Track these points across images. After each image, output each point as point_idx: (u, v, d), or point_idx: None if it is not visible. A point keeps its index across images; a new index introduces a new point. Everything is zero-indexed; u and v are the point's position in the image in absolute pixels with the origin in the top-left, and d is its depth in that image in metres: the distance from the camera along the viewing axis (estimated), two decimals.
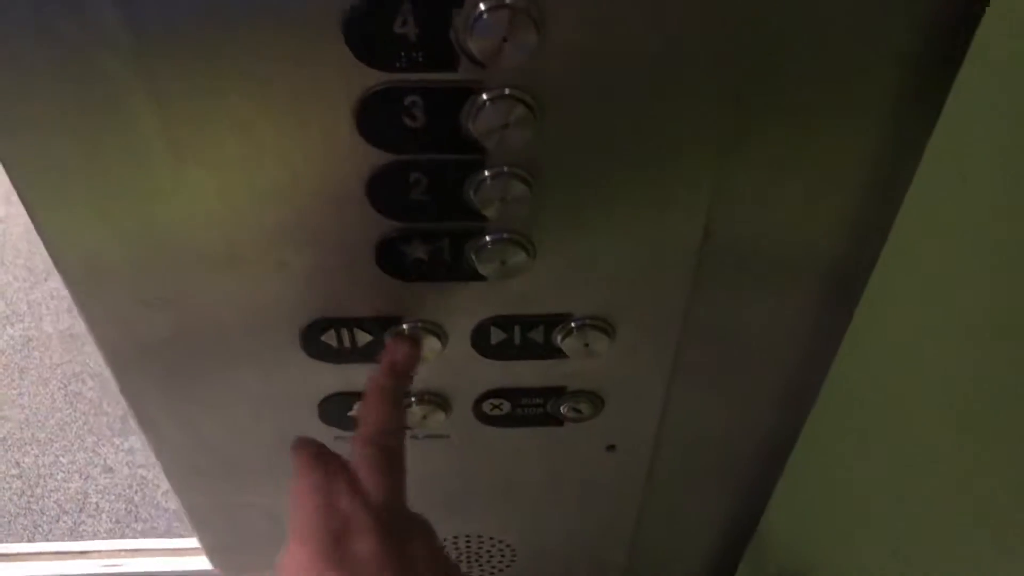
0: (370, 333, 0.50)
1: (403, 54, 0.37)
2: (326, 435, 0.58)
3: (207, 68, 0.37)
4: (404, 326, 0.50)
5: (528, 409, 0.56)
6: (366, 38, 0.36)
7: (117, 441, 1.69)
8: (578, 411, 0.57)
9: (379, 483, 0.42)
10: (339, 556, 0.38)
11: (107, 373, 1.66)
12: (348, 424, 0.57)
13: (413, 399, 0.56)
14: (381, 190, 0.42)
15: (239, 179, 0.42)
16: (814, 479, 0.58)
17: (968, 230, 0.40)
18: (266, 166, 0.41)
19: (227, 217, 0.44)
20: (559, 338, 0.51)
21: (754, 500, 0.65)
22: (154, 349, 0.51)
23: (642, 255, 0.47)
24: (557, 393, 0.56)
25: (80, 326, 1.85)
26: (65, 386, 1.76)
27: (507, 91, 0.38)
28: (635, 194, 0.44)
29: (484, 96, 0.38)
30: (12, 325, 1.81)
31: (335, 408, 0.56)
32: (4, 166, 0.42)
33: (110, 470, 1.65)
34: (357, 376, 0.54)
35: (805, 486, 0.59)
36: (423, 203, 0.43)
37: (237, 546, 0.70)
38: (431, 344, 0.50)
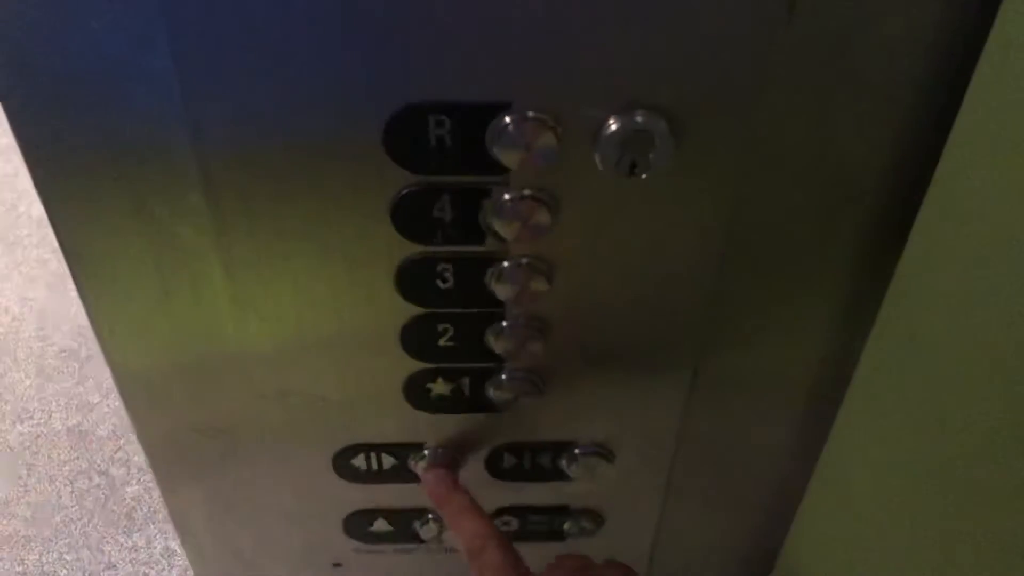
0: (395, 457, 0.56)
1: (439, 232, 0.44)
2: (347, 547, 0.63)
3: (273, 244, 0.45)
4: (425, 452, 0.56)
5: (534, 526, 0.62)
6: (408, 220, 0.44)
7: (121, 539, 1.72)
8: (580, 527, 0.62)
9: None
10: None
11: (113, 470, 1.68)
12: (368, 538, 0.62)
13: (431, 516, 0.61)
14: (413, 337, 0.49)
15: (291, 328, 0.49)
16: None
17: (934, 336, 0.46)
18: (316, 318, 0.48)
19: (278, 359, 0.50)
20: (564, 463, 0.57)
21: None
22: (201, 468, 0.57)
23: (639, 391, 0.54)
24: (561, 511, 0.62)
25: (88, 423, 1.89)
26: (72, 483, 1.79)
27: (524, 261, 0.45)
28: (632, 343, 0.51)
29: (505, 264, 0.45)
30: (22, 422, 1.85)
31: (358, 523, 0.61)
32: (86, 305, 0.48)
33: (113, 567, 1.67)
34: (380, 495, 0.60)
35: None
36: (449, 348, 0.50)
37: None
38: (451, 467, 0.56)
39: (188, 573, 1.66)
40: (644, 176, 0.41)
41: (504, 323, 0.48)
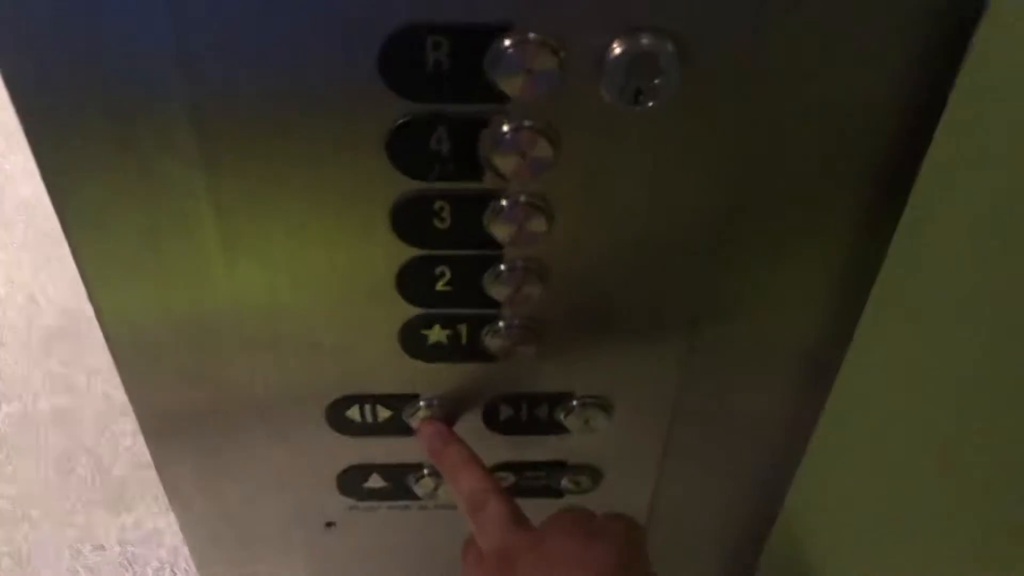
0: (390, 409, 0.55)
1: (436, 166, 0.43)
2: (341, 505, 0.62)
3: (264, 175, 0.43)
4: (421, 403, 0.55)
5: (531, 481, 0.61)
6: (405, 152, 0.42)
7: (108, 518, 1.70)
8: (577, 483, 0.61)
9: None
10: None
11: (100, 450, 1.67)
12: (363, 495, 0.61)
13: (426, 471, 0.60)
14: (409, 281, 0.48)
15: (284, 271, 0.47)
16: (799, 546, 0.62)
17: (928, 317, 0.46)
18: (309, 260, 0.47)
19: (270, 304, 0.49)
20: (562, 415, 0.56)
21: (741, 567, 0.69)
22: (190, 421, 0.55)
23: (638, 342, 0.53)
24: (558, 467, 0.60)
25: (75, 404, 1.87)
26: (58, 463, 1.78)
27: (523, 198, 0.44)
28: (632, 290, 0.49)
29: (503, 202, 0.44)
30: (9, 403, 1.83)
31: (352, 479, 0.60)
32: (72, 248, 0.47)
33: (100, 547, 1.66)
34: (374, 449, 0.58)
35: (792, 549, 0.64)
36: (446, 293, 0.48)
37: None
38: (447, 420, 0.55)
39: (176, 550, 1.65)
40: (650, 105, 0.39)
41: (502, 267, 0.47)
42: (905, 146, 0.43)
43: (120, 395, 2.01)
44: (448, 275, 0.48)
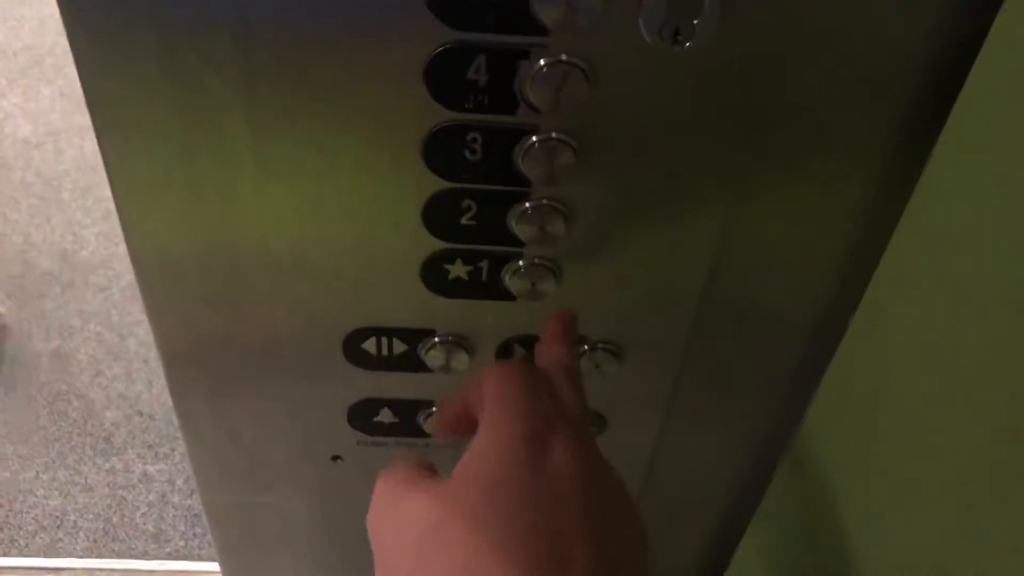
0: (406, 343, 0.56)
1: (472, 97, 0.43)
2: (349, 438, 0.63)
3: (300, 97, 0.44)
4: (436, 339, 0.56)
5: None
6: (442, 81, 0.43)
7: (99, 461, 1.71)
8: None
9: (573, 395, 0.43)
10: (537, 452, 0.37)
11: (92, 394, 1.69)
12: (372, 429, 0.62)
13: (435, 408, 0.61)
14: (435, 213, 0.49)
15: (313, 195, 0.48)
16: (792, 505, 0.64)
17: (941, 284, 0.47)
18: (338, 187, 0.47)
19: (296, 229, 0.49)
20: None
21: (736, 522, 0.71)
22: (207, 346, 0.56)
23: (654, 288, 0.54)
24: None
25: (68, 347, 1.88)
26: (51, 404, 1.78)
27: (555, 135, 0.45)
28: (653, 236, 0.50)
29: (535, 138, 0.45)
30: (2, 342, 1.84)
31: (363, 413, 0.61)
32: (105, 160, 0.47)
33: (90, 489, 1.67)
34: (387, 384, 0.59)
35: (783, 513, 0.65)
36: (470, 227, 0.49)
37: (249, 546, 0.74)
38: (460, 358, 0.56)
39: (165, 497, 1.66)
40: (687, 45, 0.40)
41: (528, 204, 0.48)
42: (936, 93, 0.44)
43: (114, 339, 2.01)
44: (474, 209, 0.48)
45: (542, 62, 0.42)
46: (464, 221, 0.49)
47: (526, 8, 0.40)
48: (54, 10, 0.42)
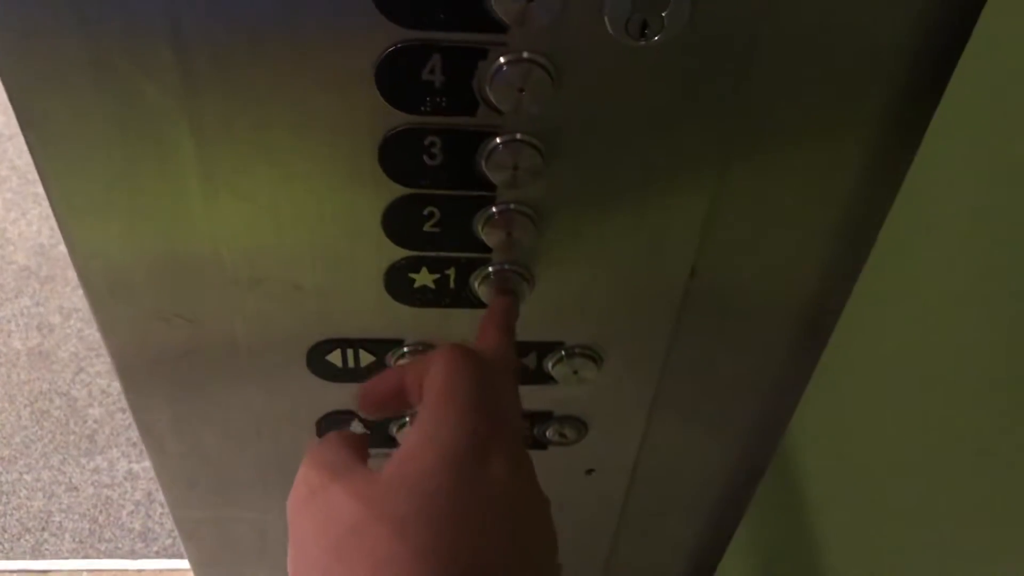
0: (373, 354, 0.53)
1: (428, 99, 0.41)
2: None
3: (247, 107, 0.41)
4: (405, 348, 0.53)
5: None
6: (395, 83, 0.40)
7: (83, 461, 1.69)
8: (563, 435, 0.60)
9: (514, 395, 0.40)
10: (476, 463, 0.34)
11: (74, 392, 1.66)
12: None
13: (407, 419, 0.59)
14: (396, 221, 0.46)
15: (266, 207, 0.45)
16: (782, 504, 0.62)
17: (929, 279, 0.44)
18: (292, 197, 0.45)
19: (251, 241, 0.47)
20: (550, 365, 0.54)
21: (726, 522, 0.69)
22: (166, 363, 0.54)
23: (632, 290, 0.51)
24: (544, 418, 0.59)
25: (48, 344, 1.84)
26: (32, 403, 1.75)
27: (519, 136, 0.42)
28: (628, 235, 0.48)
29: (498, 140, 0.42)
30: None
31: (332, 426, 0.59)
32: (43, 178, 0.44)
33: (75, 489, 1.65)
34: (354, 396, 0.57)
35: (774, 512, 0.63)
36: (434, 235, 0.47)
37: (225, 561, 0.72)
38: None
39: (151, 495, 1.64)
40: (656, 39, 0.37)
41: (494, 209, 0.45)
42: (918, 90, 0.41)
43: (95, 335, 1.99)
44: (437, 215, 0.46)
45: (501, 60, 0.39)
46: (427, 228, 0.46)
47: (481, 4, 0.37)
48: None
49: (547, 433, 0.60)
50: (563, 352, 0.54)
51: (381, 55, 0.39)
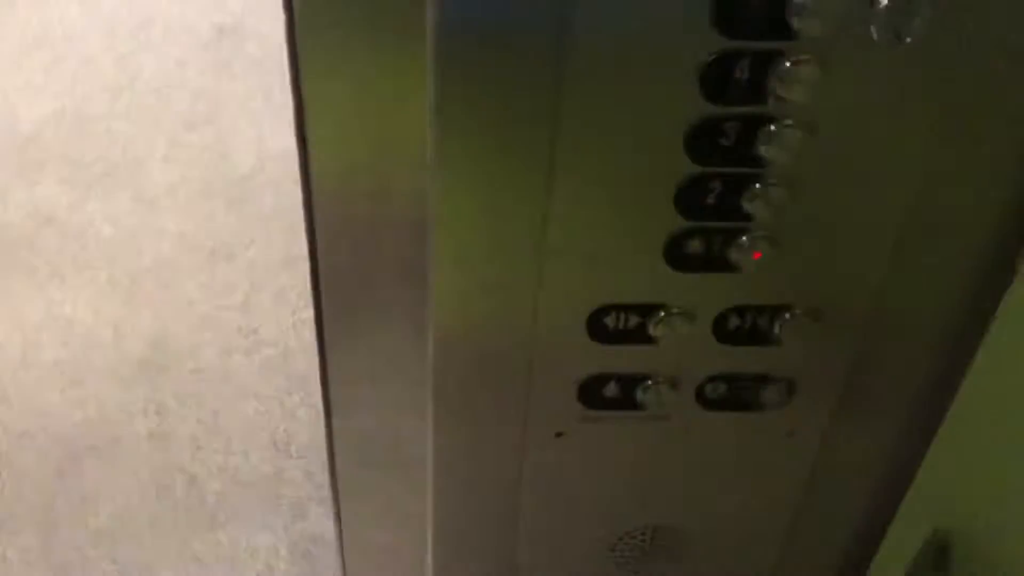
0: (641, 316, 0.67)
1: (734, 92, 0.56)
2: (577, 414, 0.73)
3: (606, 98, 0.56)
4: (662, 313, 0.67)
5: (743, 393, 0.72)
6: (715, 79, 0.55)
7: (207, 536, 1.78)
8: (775, 397, 0.72)
9: None
10: None
11: (194, 469, 1.75)
12: (598, 404, 0.72)
13: (650, 381, 0.71)
14: (688, 195, 0.60)
15: (594, 183, 0.60)
16: (970, 438, 0.72)
17: None
18: (617, 177, 0.59)
19: (571, 214, 0.61)
20: (778, 327, 0.67)
21: (898, 486, 0.80)
22: (478, 330, 0.67)
23: (852, 259, 0.65)
24: (762, 380, 0.72)
25: (167, 426, 1.96)
26: (156, 482, 1.85)
27: (793, 122, 0.57)
28: (861, 211, 0.62)
29: (774, 126, 0.57)
30: (103, 427, 1.92)
31: (592, 388, 0.71)
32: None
33: (199, 560, 1.73)
34: (613, 358, 0.69)
35: (962, 444, 0.72)
36: (713, 207, 0.61)
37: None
38: (685, 329, 0.67)
39: (271, 568, 1.72)
40: (907, 40, 0.53)
41: (762, 183, 0.60)
42: None
43: (211, 419, 2.08)
44: (718, 190, 0.60)
45: (788, 63, 0.54)
46: (708, 201, 0.61)
47: (783, 19, 0.52)
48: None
49: (762, 395, 0.72)
50: (789, 315, 0.67)
51: (706, 60, 0.54)
